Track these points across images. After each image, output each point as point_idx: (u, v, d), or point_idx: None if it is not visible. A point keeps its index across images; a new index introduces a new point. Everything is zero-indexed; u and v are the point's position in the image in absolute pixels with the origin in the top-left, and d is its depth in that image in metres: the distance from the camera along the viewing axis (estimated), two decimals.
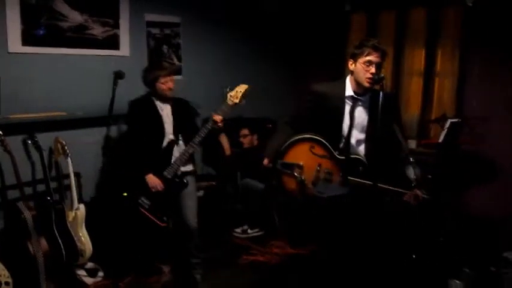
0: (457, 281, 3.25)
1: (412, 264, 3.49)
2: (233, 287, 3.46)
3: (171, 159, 3.24)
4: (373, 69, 2.53)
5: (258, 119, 4.94)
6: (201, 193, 4.22)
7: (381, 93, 2.42)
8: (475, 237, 3.83)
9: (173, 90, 3.24)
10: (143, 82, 3.25)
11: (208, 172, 4.92)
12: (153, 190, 3.18)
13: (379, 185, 2.52)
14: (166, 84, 3.18)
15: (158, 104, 3.26)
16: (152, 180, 3.17)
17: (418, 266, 3.48)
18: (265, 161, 2.79)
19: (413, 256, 3.53)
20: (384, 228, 3.11)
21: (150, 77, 3.18)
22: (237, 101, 3.12)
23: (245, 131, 4.63)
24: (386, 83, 2.52)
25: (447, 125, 3.83)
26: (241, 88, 3.13)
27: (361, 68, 2.56)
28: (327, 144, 2.69)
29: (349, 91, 2.68)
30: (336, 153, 2.69)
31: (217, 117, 3.12)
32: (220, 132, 3.24)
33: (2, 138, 3.11)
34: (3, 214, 3.44)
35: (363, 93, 2.66)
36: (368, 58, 2.53)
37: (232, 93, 3.13)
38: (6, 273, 2.93)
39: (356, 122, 2.69)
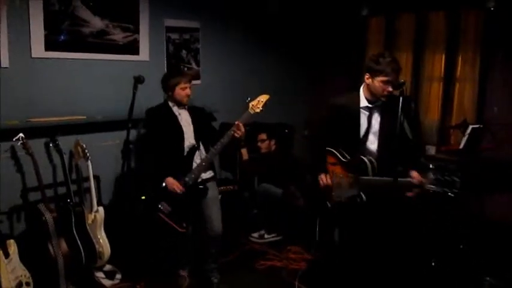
0: None
1: (431, 272, 3.44)
2: None
3: (192, 165, 3.26)
4: (390, 88, 2.64)
5: (276, 125, 4.94)
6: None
7: (401, 98, 2.46)
8: (497, 245, 3.76)
9: (190, 97, 3.27)
10: (162, 87, 3.28)
11: (226, 177, 4.93)
12: (173, 193, 3.18)
13: (386, 178, 2.60)
14: (185, 90, 3.21)
15: (175, 110, 3.28)
16: (171, 182, 3.18)
17: (437, 273, 3.42)
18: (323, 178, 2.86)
19: (433, 263, 3.48)
20: (403, 235, 3.08)
21: (170, 82, 3.21)
22: (258, 110, 3.14)
23: (263, 136, 4.62)
24: (406, 89, 2.57)
25: (468, 130, 3.78)
26: (263, 98, 3.16)
27: (379, 86, 2.67)
28: (335, 152, 2.86)
29: (364, 102, 2.81)
30: (342, 158, 2.83)
31: (241, 126, 3.13)
32: (242, 141, 3.27)
33: (24, 141, 3.17)
34: (25, 216, 3.51)
35: (376, 101, 2.78)
36: (386, 79, 2.63)
37: (254, 102, 3.16)
38: (27, 273, 2.98)
39: (373, 128, 2.81)
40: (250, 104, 3.15)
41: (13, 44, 3.39)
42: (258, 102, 3.14)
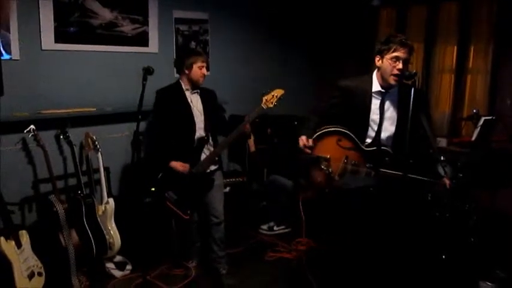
0: (489, 283, 3.17)
1: (441, 265, 3.42)
2: (258, 282, 3.46)
3: (200, 157, 3.26)
4: (400, 65, 2.54)
5: (285, 116, 4.91)
6: (227, 189, 4.23)
7: (412, 89, 2.39)
8: (507, 238, 3.72)
9: (204, 78, 3.24)
10: (176, 67, 3.25)
11: (234, 169, 4.93)
12: (179, 179, 3.18)
13: (409, 175, 2.51)
14: (202, 70, 3.18)
15: (187, 94, 3.25)
16: (174, 165, 3.18)
17: (447, 266, 3.40)
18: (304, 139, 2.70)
19: (443, 256, 3.46)
20: (413, 227, 3.07)
21: (188, 60, 3.16)
22: (271, 105, 3.09)
23: None
24: (419, 79, 2.52)
25: (481, 122, 3.72)
26: (277, 92, 3.10)
27: (388, 64, 2.57)
28: (353, 137, 2.72)
29: (376, 86, 2.71)
30: (362, 145, 2.72)
31: (247, 126, 3.12)
32: (249, 136, 3.26)
33: (35, 133, 3.20)
34: (36, 207, 3.54)
35: (390, 87, 2.68)
36: (395, 54, 2.54)
37: (268, 96, 3.10)
38: (39, 263, 3.02)
39: (386, 115, 2.71)
40: (264, 98, 3.10)
41: (23, 36, 3.40)
42: (272, 97, 3.08)
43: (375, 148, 2.71)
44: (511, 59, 4.41)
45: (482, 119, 3.78)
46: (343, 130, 2.73)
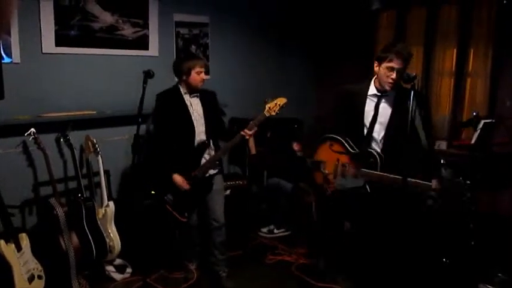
0: (489, 286, 3.17)
1: (443, 269, 3.42)
2: (258, 285, 3.45)
3: (200, 161, 3.26)
4: (393, 75, 2.67)
5: (285, 119, 4.92)
6: (227, 192, 4.23)
7: (412, 92, 2.44)
8: (508, 241, 3.72)
9: (204, 83, 3.25)
10: (175, 71, 3.25)
11: (235, 172, 4.93)
12: (180, 188, 3.20)
13: (390, 175, 2.66)
14: (200, 75, 3.18)
15: (187, 98, 3.25)
16: (178, 180, 3.19)
17: (449, 270, 3.39)
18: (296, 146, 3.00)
19: (444, 260, 3.45)
20: (412, 230, 3.08)
21: (186, 65, 3.16)
22: (274, 113, 3.10)
23: None
24: (418, 83, 2.60)
25: (480, 125, 3.72)
26: (280, 101, 3.11)
27: (384, 73, 2.70)
28: (343, 141, 2.93)
29: (372, 90, 2.85)
30: (349, 148, 2.89)
31: (248, 133, 3.11)
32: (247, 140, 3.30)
33: (36, 136, 3.20)
34: (36, 210, 3.55)
35: (385, 91, 2.81)
36: (390, 64, 2.66)
37: (271, 104, 3.11)
38: (39, 267, 3.01)
39: (380, 117, 2.85)
40: (267, 106, 3.11)
41: (24, 39, 3.41)
42: (275, 105, 3.10)
43: (360, 150, 2.87)
44: (511, 62, 4.41)
45: (482, 122, 3.77)
46: (331, 136, 2.97)
